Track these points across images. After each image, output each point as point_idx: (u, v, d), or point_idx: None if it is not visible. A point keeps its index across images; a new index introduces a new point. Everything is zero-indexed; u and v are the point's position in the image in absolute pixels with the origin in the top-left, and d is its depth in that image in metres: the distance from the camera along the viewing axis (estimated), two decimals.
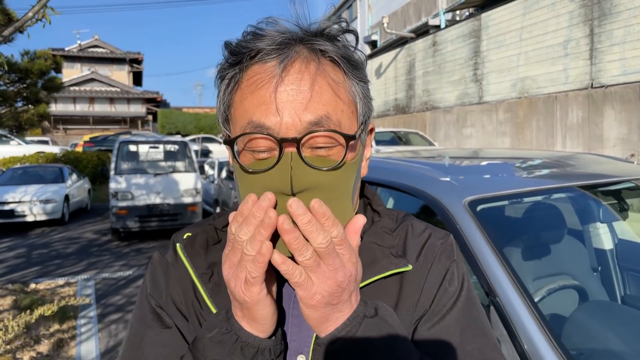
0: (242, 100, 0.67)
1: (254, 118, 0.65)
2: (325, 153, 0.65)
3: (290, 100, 0.64)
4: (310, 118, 0.64)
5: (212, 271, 0.75)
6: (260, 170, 0.64)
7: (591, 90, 9.38)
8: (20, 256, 8.36)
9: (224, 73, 0.70)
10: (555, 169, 2.39)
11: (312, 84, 0.65)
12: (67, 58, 36.78)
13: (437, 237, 0.82)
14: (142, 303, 0.80)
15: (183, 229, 0.84)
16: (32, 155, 17.54)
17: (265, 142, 0.65)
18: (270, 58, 0.66)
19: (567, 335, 1.47)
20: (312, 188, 0.63)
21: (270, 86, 0.64)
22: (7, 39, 3.88)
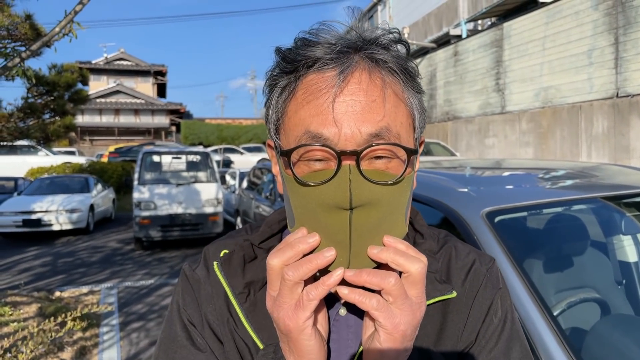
0: (297, 110, 0.64)
1: (310, 128, 0.61)
2: (384, 165, 0.63)
3: (349, 112, 0.61)
4: (370, 130, 0.61)
5: (248, 290, 0.72)
6: (318, 182, 0.60)
7: (617, 99, 9.20)
8: (46, 264, 8.54)
9: (276, 81, 0.67)
10: (578, 180, 2.35)
11: (371, 95, 0.62)
12: (93, 71, 37.69)
13: (482, 262, 0.79)
14: (172, 319, 0.76)
15: (216, 242, 0.81)
16: (59, 166, 17.95)
17: (322, 153, 0.62)
18: (328, 68, 0.63)
19: (587, 350, 1.43)
20: (370, 203, 0.60)
21: (329, 96, 0.61)
22: (35, 53, 4.01)
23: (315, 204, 0.61)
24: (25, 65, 4.20)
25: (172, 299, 0.79)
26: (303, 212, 0.64)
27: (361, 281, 0.58)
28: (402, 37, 0.69)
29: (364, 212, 0.60)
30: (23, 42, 4.99)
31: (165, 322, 0.78)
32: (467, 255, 0.79)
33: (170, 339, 0.75)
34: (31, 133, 6.66)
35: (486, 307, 0.75)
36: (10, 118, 6.41)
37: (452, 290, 0.72)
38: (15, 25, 4.83)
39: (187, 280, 0.77)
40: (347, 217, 0.59)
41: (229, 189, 12.62)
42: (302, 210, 0.64)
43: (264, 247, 0.76)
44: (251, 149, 25.20)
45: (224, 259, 0.74)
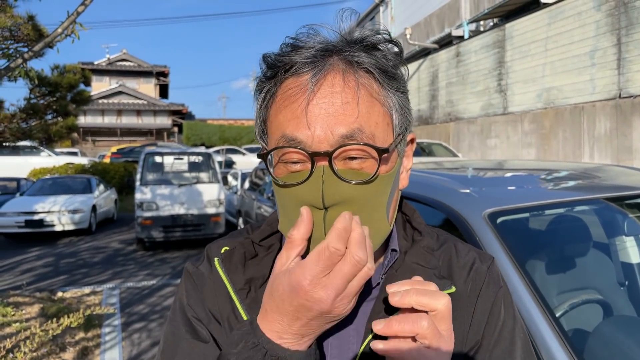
0: (276, 114, 0.67)
1: (286, 131, 0.64)
2: (359, 165, 0.64)
3: (322, 114, 0.63)
4: (342, 131, 0.63)
5: (249, 287, 0.73)
6: (292, 183, 0.64)
7: (619, 100, 9.18)
8: (48, 265, 8.55)
9: (261, 86, 0.70)
10: (580, 181, 2.34)
11: (344, 97, 0.64)
12: (96, 72, 37.75)
13: (482, 260, 0.80)
14: (176, 315, 0.78)
15: (218, 241, 0.82)
16: (62, 166, 17.98)
17: (298, 155, 0.65)
18: (304, 71, 0.65)
19: (589, 351, 1.43)
20: (344, 202, 0.63)
21: (303, 100, 0.64)
22: (38, 53, 4.01)
23: (294, 203, 0.64)
24: (27, 66, 4.21)
25: (175, 298, 0.80)
26: (285, 211, 0.68)
27: (393, 332, 0.59)
28: (392, 38, 0.70)
29: (338, 211, 0.61)
30: (25, 43, 5.00)
31: (168, 321, 0.80)
32: (468, 253, 0.80)
33: (173, 333, 0.76)
34: (33, 134, 6.68)
35: (489, 306, 0.76)
36: (12, 119, 6.42)
37: (452, 285, 0.73)
38: (18, 26, 4.84)
39: (190, 277, 0.79)
40: (322, 215, 0.62)
41: (230, 190, 12.62)
42: (284, 209, 0.68)
43: (264, 244, 0.77)
44: (253, 149, 25.21)
45: (225, 256, 0.76)
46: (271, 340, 0.61)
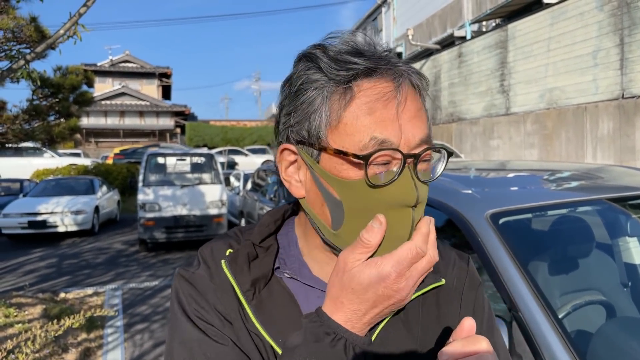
0: (357, 117, 0.67)
1: (375, 134, 0.66)
2: (427, 167, 0.71)
3: (406, 119, 0.67)
4: (421, 135, 0.68)
5: (254, 288, 0.75)
6: (385, 183, 0.66)
7: (622, 100, 9.16)
8: (51, 266, 8.57)
9: (320, 85, 0.69)
10: (582, 181, 2.33)
11: (417, 105, 0.69)
12: (99, 73, 37.81)
13: (462, 258, 0.87)
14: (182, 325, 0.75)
15: (209, 244, 0.82)
16: (65, 168, 18.02)
17: (386, 157, 0.67)
18: (383, 78, 0.68)
19: (592, 352, 1.42)
20: (424, 200, 0.69)
21: (393, 105, 0.67)
22: (40, 55, 4.01)
23: (377, 203, 0.66)
24: (30, 67, 4.21)
25: (174, 308, 0.78)
26: (359, 212, 0.68)
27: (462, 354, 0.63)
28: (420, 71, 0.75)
29: (420, 208, 0.68)
30: (28, 45, 5.00)
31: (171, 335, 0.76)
32: (449, 252, 0.87)
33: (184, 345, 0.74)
34: (36, 135, 6.69)
35: (472, 302, 0.83)
36: (15, 120, 6.43)
37: (441, 278, 0.80)
38: (20, 27, 4.84)
39: (188, 283, 0.77)
40: (410, 213, 0.67)
41: (233, 191, 12.62)
42: (358, 212, 0.68)
43: (264, 245, 0.78)
44: (255, 150, 25.21)
45: (231, 258, 0.76)
46: (348, 330, 0.65)
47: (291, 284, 0.77)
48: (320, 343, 0.64)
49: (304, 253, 0.79)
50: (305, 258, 0.79)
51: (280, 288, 0.76)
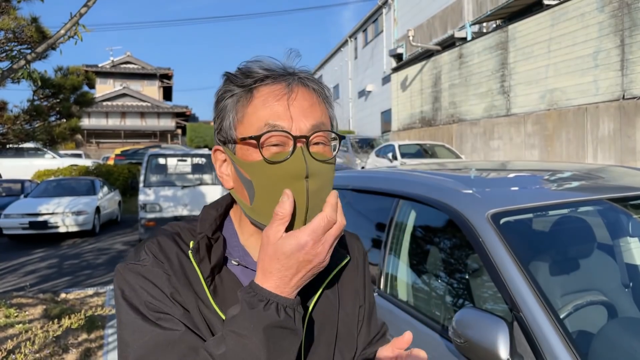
0: (255, 111, 0.84)
1: (269, 121, 0.82)
2: (322, 149, 0.85)
3: (297, 110, 0.83)
4: (312, 122, 0.83)
5: (212, 275, 0.86)
6: (282, 159, 0.80)
7: (623, 101, 9.15)
8: (52, 266, 8.57)
9: (232, 92, 0.87)
10: (584, 182, 2.33)
11: (310, 101, 0.85)
12: (100, 74, 37.84)
13: (355, 238, 1.08)
14: (131, 316, 0.81)
15: (155, 239, 0.89)
16: (66, 168, 18.02)
17: (280, 138, 0.81)
18: (277, 82, 0.85)
19: (593, 353, 1.41)
20: (316, 174, 0.81)
21: (283, 100, 0.83)
22: (41, 55, 4.01)
23: (277, 178, 0.80)
24: (30, 67, 4.21)
25: (118, 301, 0.83)
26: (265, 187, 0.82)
27: None
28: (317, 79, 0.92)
29: (313, 180, 0.80)
30: (29, 45, 5.00)
31: (120, 326, 0.82)
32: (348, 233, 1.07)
33: (135, 334, 0.80)
34: (37, 135, 6.68)
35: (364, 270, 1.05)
36: (16, 120, 6.42)
37: (347, 255, 0.99)
38: (21, 28, 4.84)
39: (138, 275, 0.84)
40: (304, 183, 0.80)
41: None
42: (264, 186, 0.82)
43: (214, 238, 0.90)
44: None
45: (194, 249, 0.87)
46: (278, 294, 0.76)
47: (238, 270, 0.90)
48: (255, 309, 0.74)
49: (243, 242, 0.92)
50: (245, 247, 0.92)
51: (229, 275, 0.88)
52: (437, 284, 2.12)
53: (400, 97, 18.26)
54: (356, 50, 30.88)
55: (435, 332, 1.82)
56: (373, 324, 1.05)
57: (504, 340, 1.30)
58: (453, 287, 2.05)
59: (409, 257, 2.28)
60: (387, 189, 2.50)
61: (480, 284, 1.89)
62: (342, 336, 0.94)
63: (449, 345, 1.68)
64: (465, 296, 1.95)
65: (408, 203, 2.30)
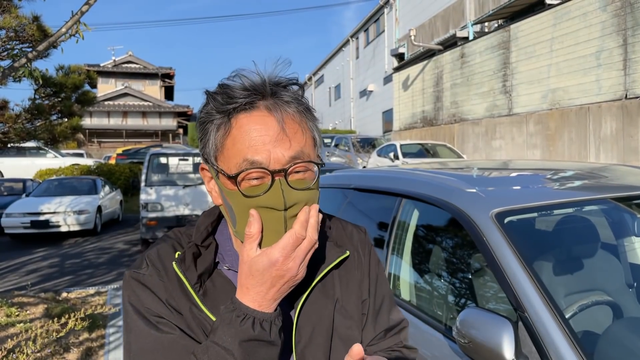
0: (234, 144, 0.85)
1: (247, 156, 0.83)
2: (302, 176, 0.86)
3: (275, 142, 0.84)
4: (291, 154, 0.84)
5: (200, 281, 0.90)
6: (257, 194, 0.82)
7: (625, 101, 9.13)
8: (54, 265, 8.57)
9: (211, 118, 0.88)
10: (587, 181, 2.31)
11: (289, 129, 0.85)
12: (102, 74, 37.86)
13: (360, 231, 1.08)
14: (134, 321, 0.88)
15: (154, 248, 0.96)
16: (67, 168, 18.02)
17: (258, 174, 0.83)
18: (256, 109, 0.85)
19: (599, 353, 1.40)
20: (297, 203, 0.84)
21: (260, 132, 0.84)
22: (42, 53, 4.00)
23: (255, 206, 0.83)
24: (32, 66, 4.20)
25: (126, 307, 0.90)
26: (244, 215, 0.84)
27: None
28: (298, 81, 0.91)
29: (292, 210, 0.83)
30: (30, 44, 4.99)
31: (126, 331, 0.89)
32: (348, 226, 1.08)
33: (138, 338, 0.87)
34: (38, 134, 6.67)
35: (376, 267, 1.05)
36: (17, 119, 6.41)
37: (346, 251, 1.00)
38: (23, 26, 4.83)
39: (138, 283, 0.91)
40: (282, 215, 0.83)
41: None
42: (244, 214, 0.85)
43: (204, 245, 0.94)
44: None
45: (180, 259, 0.91)
46: (255, 309, 0.80)
47: (230, 273, 0.93)
48: (233, 324, 0.79)
49: (236, 246, 0.94)
50: (238, 250, 0.94)
51: (221, 279, 0.92)
52: (440, 284, 2.11)
53: (401, 97, 18.25)
54: (358, 50, 30.86)
55: (438, 332, 1.80)
56: (382, 317, 1.05)
57: (509, 340, 1.28)
58: (456, 286, 2.03)
59: (412, 257, 2.27)
60: (390, 188, 2.48)
61: (483, 284, 1.88)
62: (341, 332, 0.96)
63: (452, 346, 1.67)
64: (468, 296, 1.93)
65: (411, 202, 2.29)
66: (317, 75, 41.19)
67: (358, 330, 0.99)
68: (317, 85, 41.29)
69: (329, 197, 3.09)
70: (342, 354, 0.93)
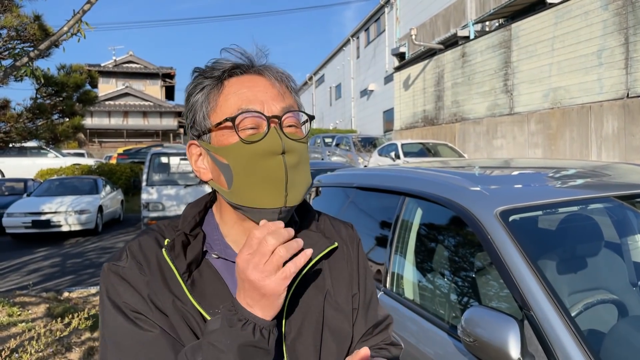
0: (227, 100, 0.88)
1: (242, 106, 0.86)
2: (294, 130, 0.89)
3: (267, 96, 0.88)
4: (283, 105, 0.88)
5: (189, 270, 0.88)
6: (259, 139, 0.84)
7: (627, 100, 9.11)
8: (55, 265, 8.57)
9: (202, 84, 0.91)
10: (590, 179, 2.30)
11: (279, 87, 0.90)
12: (102, 73, 37.86)
13: (347, 226, 1.08)
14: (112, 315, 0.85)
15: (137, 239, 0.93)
16: (69, 167, 18.03)
17: (253, 121, 0.86)
18: (245, 73, 0.90)
19: (605, 352, 1.39)
20: (291, 150, 0.85)
21: (253, 88, 0.88)
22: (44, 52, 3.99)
23: (255, 157, 0.84)
24: (33, 65, 4.19)
25: (103, 301, 0.87)
26: (242, 168, 0.85)
27: None
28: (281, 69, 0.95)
29: (290, 156, 0.85)
30: (32, 43, 4.98)
31: (103, 326, 0.87)
32: (337, 222, 1.08)
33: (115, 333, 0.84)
34: (40, 133, 6.67)
35: (357, 256, 1.05)
36: (19, 118, 6.40)
37: (334, 242, 1.00)
38: (24, 26, 4.83)
39: (118, 276, 0.88)
40: (281, 160, 0.84)
41: None
42: (242, 167, 0.85)
43: (193, 234, 0.92)
44: None
45: (169, 246, 0.89)
46: (256, 315, 0.78)
47: (218, 263, 0.91)
48: (234, 328, 0.77)
49: (225, 235, 0.94)
50: (227, 240, 0.94)
51: (208, 268, 0.90)
52: (444, 282, 2.10)
53: (402, 96, 18.23)
54: (358, 50, 30.84)
55: (442, 330, 1.80)
56: (372, 312, 1.05)
57: (515, 339, 1.28)
58: (460, 285, 2.03)
59: (415, 255, 2.26)
60: (393, 187, 2.48)
61: (486, 282, 1.87)
62: (332, 324, 0.95)
63: (457, 344, 1.66)
64: (472, 294, 1.93)
65: (414, 201, 2.28)
66: (317, 75, 41.16)
67: (349, 324, 0.98)
68: (318, 85, 41.27)
69: (331, 196, 3.09)
70: (332, 348, 0.93)
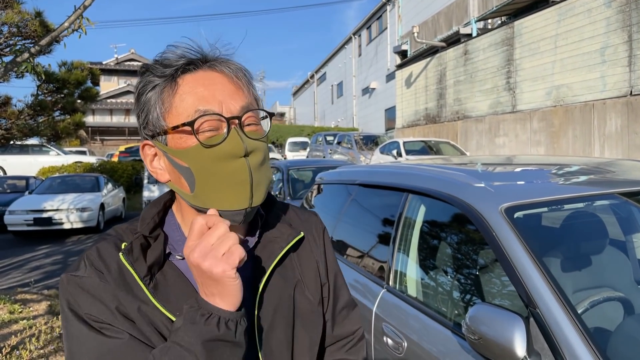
0: (183, 100, 0.83)
1: (200, 107, 0.82)
2: (255, 128, 0.87)
3: (224, 94, 0.84)
4: (241, 104, 0.85)
5: (150, 273, 0.85)
6: (217, 143, 0.81)
7: (630, 97, 9.07)
8: (57, 263, 8.57)
9: (154, 84, 0.86)
10: (594, 176, 2.28)
11: (236, 84, 0.86)
12: (104, 71, 37.86)
13: (312, 215, 1.09)
14: (75, 327, 0.81)
15: (94, 247, 0.88)
16: (70, 165, 18.04)
17: (212, 123, 0.82)
18: (198, 69, 0.86)
19: (612, 350, 1.37)
20: (256, 150, 0.84)
21: (209, 86, 0.84)
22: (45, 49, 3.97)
23: (216, 159, 0.81)
24: (34, 61, 4.18)
25: (64, 312, 0.83)
26: (204, 171, 0.83)
27: None
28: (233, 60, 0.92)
29: (253, 156, 0.83)
30: (33, 39, 4.97)
31: (67, 338, 0.83)
32: (302, 211, 1.09)
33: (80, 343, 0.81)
34: (41, 130, 6.65)
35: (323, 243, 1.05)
36: (20, 115, 6.39)
37: (300, 232, 0.99)
38: (25, 22, 4.81)
39: (77, 286, 0.83)
40: (245, 162, 0.82)
41: None
42: (204, 170, 0.82)
43: (153, 236, 0.89)
44: None
45: (127, 250, 0.85)
46: (220, 308, 0.76)
47: (183, 264, 0.87)
48: (197, 324, 0.75)
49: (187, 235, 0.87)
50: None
51: (172, 270, 0.87)
52: (447, 280, 2.09)
53: (404, 94, 18.20)
54: (360, 48, 30.80)
55: (446, 328, 1.78)
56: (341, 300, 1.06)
57: (521, 336, 1.26)
58: (464, 282, 2.01)
59: (419, 253, 2.24)
60: (396, 184, 2.46)
61: (490, 280, 1.85)
62: (303, 314, 0.94)
63: (460, 342, 1.64)
64: (476, 292, 1.91)
65: (417, 197, 2.26)
66: (319, 73, 41.12)
67: (320, 314, 0.98)
68: (320, 83, 41.23)
69: (333, 193, 3.06)
70: (304, 338, 0.93)
